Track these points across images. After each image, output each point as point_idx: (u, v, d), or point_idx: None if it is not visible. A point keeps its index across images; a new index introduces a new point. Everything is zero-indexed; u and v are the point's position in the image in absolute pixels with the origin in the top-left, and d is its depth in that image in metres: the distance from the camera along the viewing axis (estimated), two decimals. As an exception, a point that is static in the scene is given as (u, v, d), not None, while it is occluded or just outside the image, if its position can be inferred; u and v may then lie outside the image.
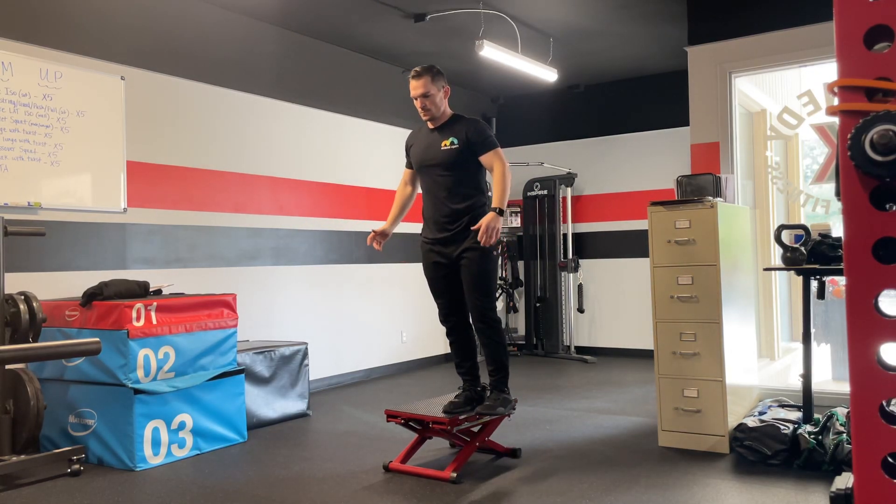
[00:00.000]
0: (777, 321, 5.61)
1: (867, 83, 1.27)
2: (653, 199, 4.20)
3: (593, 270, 7.77)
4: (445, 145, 3.61)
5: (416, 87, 3.62)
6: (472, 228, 3.50)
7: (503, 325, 6.76)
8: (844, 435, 3.44)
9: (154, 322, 3.87)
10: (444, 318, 3.74)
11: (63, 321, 3.95)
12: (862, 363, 1.28)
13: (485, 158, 3.60)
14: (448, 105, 3.73)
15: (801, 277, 3.86)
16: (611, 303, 7.70)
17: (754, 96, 5.54)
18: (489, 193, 3.73)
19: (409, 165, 3.88)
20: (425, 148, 3.70)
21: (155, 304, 3.89)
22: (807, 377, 3.78)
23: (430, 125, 3.71)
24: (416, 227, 7.03)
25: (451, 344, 3.78)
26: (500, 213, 3.45)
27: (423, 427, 3.63)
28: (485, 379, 3.84)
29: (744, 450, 3.65)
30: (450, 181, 3.60)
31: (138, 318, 3.80)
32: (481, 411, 3.58)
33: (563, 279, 7.72)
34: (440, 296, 3.72)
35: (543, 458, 3.79)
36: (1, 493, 3.34)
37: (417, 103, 3.64)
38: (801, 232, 4.03)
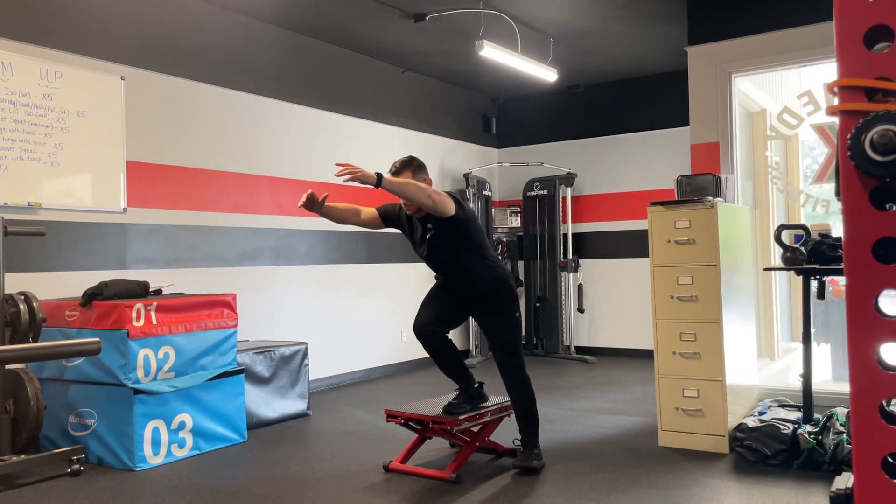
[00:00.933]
0: (777, 321, 5.61)
1: (867, 83, 1.27)
2: (653, 199, 4.20)
3: (593, 270, 7.77)
4: (430, 235, 3.49)
5: None
6: (343, 174, 3.14)
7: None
8: (844, 435, 3.44)
9: (154, 322, 3.86)
10: (428, 325, 3.55)
11: (63, 321, 3.95)
12: (862, 363, 1.28)
13: None
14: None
15: (801, 277, 3.86)
16: (611, 303, 7.70)
17: (754, 96, 5.54)
18: (490, 253, 3.60)
19: (378, 211, 3.67)
20: (415, 238, 3.58)
21: (155, 304, 3.89)
22: (807, 377, 3.78)
23: (416, 215, 3.55)
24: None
25: (435, 356, 3.63)
26: (379, 179, 3.10)
27: (423, 427, 3.63)
28: (479, 376, 3.84)
29: (744, 450, 3.65)
30: (448, 258, 3.54)
31: (138, 318, 3.80)
32: (517, 464, 3.58)
33: (563, 279, 7.72)
34: (436, 305, 3.62)
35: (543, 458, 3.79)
36: (1, 493, 3.34)
37: (401, 199, 3.45)
38: (801, 232, 4.03)
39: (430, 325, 3.56)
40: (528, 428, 3.64)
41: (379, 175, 3.12)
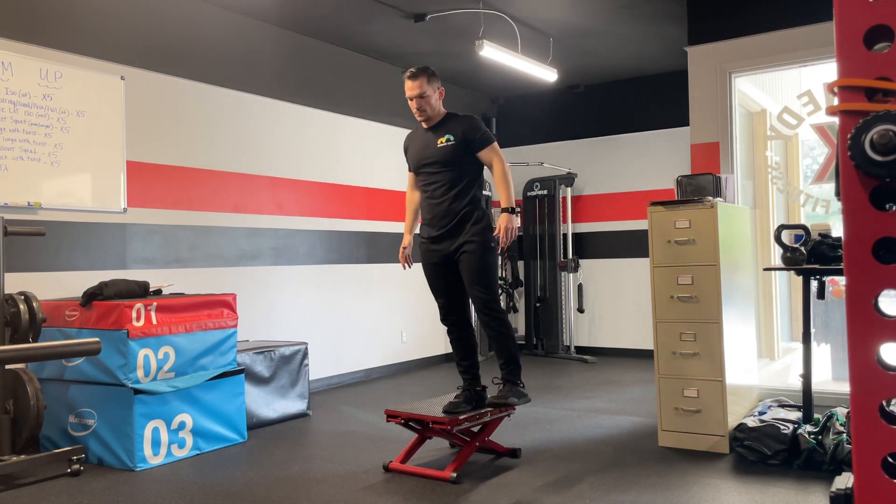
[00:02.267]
0: (777, 321, 5.61)
1: (867, 83, 1.27)
2: (653, 199, 4.20)
3: (593, 270, 7.77)
4: (441, 143, 3.62)
5: (411, 87, 3.62)
6: (494, 235, 3.55)
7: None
8: (844, 435, 3.44)
9: (154, 322, 3.86)
10: (445, 316, 3.75)
11: (63, 321, 3.95)
12: (862, 363, 1.28)
13: (483, 155, 3.64)
14: (442, 105, 3.73)
15: (801, 277, 3.86)
16: (611, 303, 7.70)
17: (754, 96, 5.54)
18: (486, 192, 3.74)
19: (411, 168, 3.88)
20: (422, 148, 3.71)
21: (155, 304, 3.89)
22: (807, 377, 3.78)
23: (424, 125, 3.72)
24: (415, 231, 7.04)
25: (451, 342, 3.80)
26: (513, 211, 3.51)
27: (423, 427, 3.63)
28: (486, 378, 3.84)
29: (744, 450, 3.65)
30: (446, 178, 3.62)
31: (138, 318, 3.80)
32: (492, 401, 3.57)
33: (563, 279, 7.72)
34: (440, 295, 3.73)
35: (543, 458, 3.79)
36: (1, 493, 3.34)
37: (413, 104, 3.64)
38: (801, 232, 4.03)
39: (448, 316, 3.74)
40: (508, 366, 3.65)
41: (512, 210, 3.53)
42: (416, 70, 3.64)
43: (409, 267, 3.85)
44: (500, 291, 3.81)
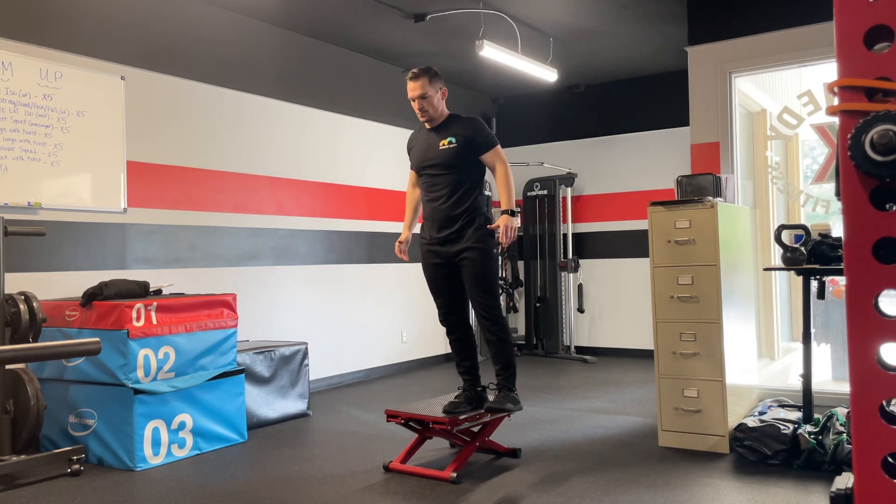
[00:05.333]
0: (777, 321, 5.61)
1: (867, 83, 1.27)
2: (653, 199, 4.20)
3: (593, 270, 7.77)
4: (444, 144, 3.62)
5: (413, 88, 3.62)
6: (495, 241, 3.58)
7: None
8: (844, 435, 3.44)
9: (154, 322, 3.86)
10: (444, 317, 3.75)
11: (63, 321, 3.95)
12: (862, 363, 1.28)
13: (486, 157, 3.64)
14: (445, 106, 3.73)
15: (801, 277, 3.86)
16: (611, 303, 7.70)
17: (754, 96, 5.54)
18: (487, 193, 3.74)
19: (413, 167, 3.88)
20: (424, 149, 3.71)
21: (155, 304, 3.89)
22: (807, 377, 3.78)
23: (427, 126, 3.72)
24: (415, 228, 7.02)
25: (451, 343, 3.80)
26: (513, 214, 3.53)
27: (423, 427, 3.63)
28: (486, 378, 3.84)
29: (744, 450, 3.65)
30: (449, 180, 3.61)
31: (138, 318, 3.80)
32: (490, 406, 3.56)
33: (563, 279, 7.72)
34: (440, 296, 3.73)
35: (543, 458, 3.79)
36: (1, 493, 3.34)
37: (415, 105, 3.64)
38: (801, 232, 4.03)
39: (448, 316, 3.73)
40: (505, 371, 3.65)
41: (512, 212, 3.55)
42: (417, 71, 3.64)
43: (406, 259, 3.91)
44: (500, 293, 3.81)
